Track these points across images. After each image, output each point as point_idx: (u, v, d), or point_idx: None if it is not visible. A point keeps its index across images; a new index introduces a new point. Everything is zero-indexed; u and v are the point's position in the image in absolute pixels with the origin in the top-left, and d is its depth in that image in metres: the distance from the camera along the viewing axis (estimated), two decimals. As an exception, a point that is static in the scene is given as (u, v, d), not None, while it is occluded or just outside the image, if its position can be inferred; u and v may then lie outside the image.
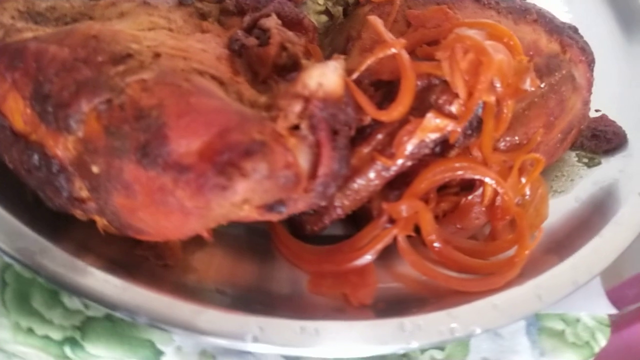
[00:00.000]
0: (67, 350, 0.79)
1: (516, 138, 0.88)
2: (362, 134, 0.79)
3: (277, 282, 0.82)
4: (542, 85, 0.89)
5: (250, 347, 0.70)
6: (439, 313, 0.76)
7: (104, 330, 0.80)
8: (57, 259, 0.71)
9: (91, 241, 0.76)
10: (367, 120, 0.78)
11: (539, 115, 0.89)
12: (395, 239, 0.81)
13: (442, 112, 0.76)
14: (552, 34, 0.94)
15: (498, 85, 0.78)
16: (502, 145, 0.87)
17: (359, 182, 0.80)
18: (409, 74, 0.75)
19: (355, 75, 0.77)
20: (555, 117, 0.90)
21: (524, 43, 0.89)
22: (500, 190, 0.82)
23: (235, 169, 0.62)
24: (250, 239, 0.86)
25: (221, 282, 0.80)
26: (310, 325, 0.73)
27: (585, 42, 0.99)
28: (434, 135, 0.76)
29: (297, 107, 0.67)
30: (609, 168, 1.00)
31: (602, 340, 0.89)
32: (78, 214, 0.73)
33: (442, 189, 0.87)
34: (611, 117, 1.06)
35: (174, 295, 0.73)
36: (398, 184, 0.83)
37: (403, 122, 0.77)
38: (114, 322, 0.80)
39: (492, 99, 0.76)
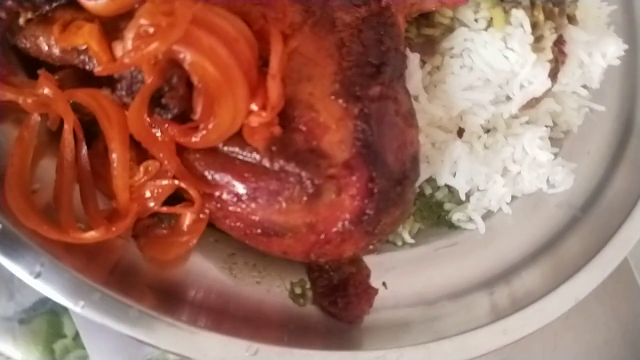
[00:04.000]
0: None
1: (208, 173, 0.75)
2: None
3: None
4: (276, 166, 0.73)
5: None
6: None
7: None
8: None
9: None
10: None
11: (241, 177, 0.73)
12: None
13: (103, 41, 0.66)
14: (354, 145, 0.74)
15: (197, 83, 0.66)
16: (196, 162, 0.75)
17: (41, 36, 0.74)
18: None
19: None
20: (255, 197, 0.74)
21: (304, 116, 0.73)
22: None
23: None
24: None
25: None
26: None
27: (393, 202, 0.77)
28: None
29: None
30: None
31: None
32: None
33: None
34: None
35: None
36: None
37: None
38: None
39: (148, 78, 0.64)
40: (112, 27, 0.68)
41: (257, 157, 0.74)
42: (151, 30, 0.62)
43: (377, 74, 0.78)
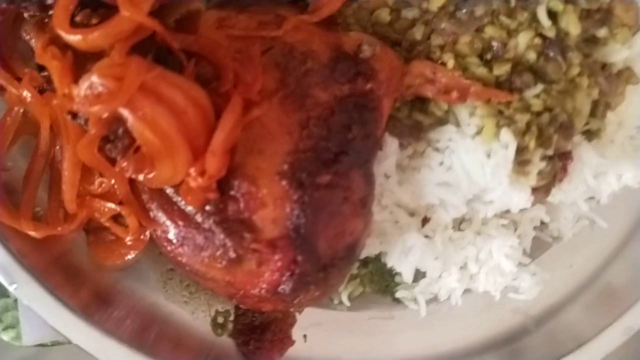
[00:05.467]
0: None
1: (150, 207, 0.79)
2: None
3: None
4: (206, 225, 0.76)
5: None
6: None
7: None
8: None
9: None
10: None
11: (174, 222, 0.77)
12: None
13: (66, 77, 0.69)
14: (285, 227, 0.75)
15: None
16: (143, 193, 0.80)
17: (33, 38, 0.78)
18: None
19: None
20: (183, 244, 0.77)
21: (243, 188, 0.74)
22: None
23: None
24: None
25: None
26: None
27: (315, 284, 0.79)
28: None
29: None
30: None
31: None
32: None
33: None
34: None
35: None
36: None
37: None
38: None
39: (92, 129, 0.68)
40: (82, 63, 0.71)
41: (193, 210, 0.77)
42: (100, 88, 0.65)
43: (332, 162, 0.77)
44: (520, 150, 0.82)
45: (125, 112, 0.66)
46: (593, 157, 0.92)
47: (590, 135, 0.94)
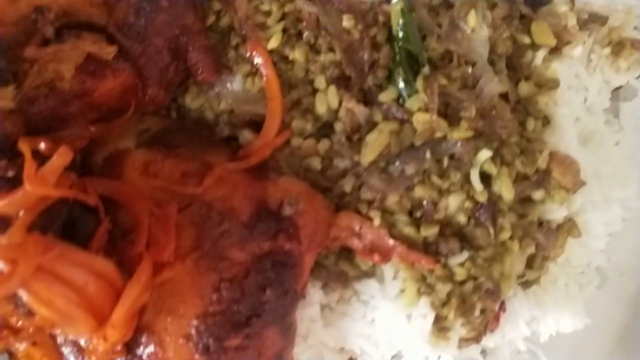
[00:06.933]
0: None
1: (63, 349, 0.79)
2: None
3: None
4: None
5: None
6: None
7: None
8: None
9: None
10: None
11: None
12: None
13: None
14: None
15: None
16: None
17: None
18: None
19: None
20: None
21: (149, 348, 0.74)
22: None
23: None
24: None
25: None
26: None
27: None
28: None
29: None
30: None
31: None
32: None
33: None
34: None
35: None
36: None
37: None
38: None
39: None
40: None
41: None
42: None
43: (244, 325, 0.76)
44: (440, 318, 0.80)
45: (20, 291, 0.66)
46: (527, 308, 0.90)
47: (527, 284, 0.92)
